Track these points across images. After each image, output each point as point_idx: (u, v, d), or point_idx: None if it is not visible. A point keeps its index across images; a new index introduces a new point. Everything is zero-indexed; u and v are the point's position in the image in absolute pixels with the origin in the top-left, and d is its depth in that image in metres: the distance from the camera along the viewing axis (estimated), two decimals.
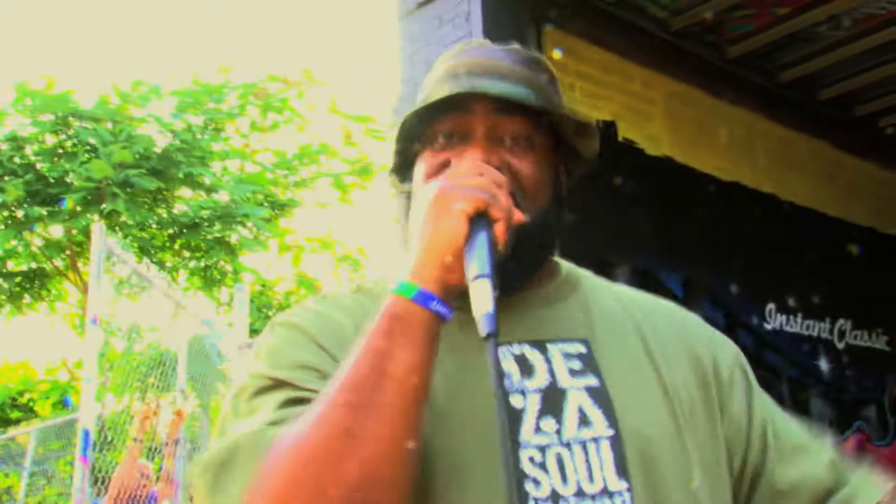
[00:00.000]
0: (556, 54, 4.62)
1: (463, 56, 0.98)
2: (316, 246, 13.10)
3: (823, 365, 5.11)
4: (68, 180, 10.81)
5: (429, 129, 0.95)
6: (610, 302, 1.04)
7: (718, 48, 5.18)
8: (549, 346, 0.95)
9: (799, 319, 5.05)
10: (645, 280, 4.01)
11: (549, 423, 0.91)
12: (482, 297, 0.78)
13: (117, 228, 11.15)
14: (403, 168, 1.00)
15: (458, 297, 0.83)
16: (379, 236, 13.17)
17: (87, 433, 3.78)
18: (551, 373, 0.93)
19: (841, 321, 5.25)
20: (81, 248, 11.11)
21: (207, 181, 11.80)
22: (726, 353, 1.07)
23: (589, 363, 0.95)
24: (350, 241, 13.48)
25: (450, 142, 0.94)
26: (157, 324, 6.33)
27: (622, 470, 0.90)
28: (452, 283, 0.81)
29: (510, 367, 0.93)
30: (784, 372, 4.84)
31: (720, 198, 4.90)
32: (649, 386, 0.97)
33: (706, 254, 4.62)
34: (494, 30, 4.15)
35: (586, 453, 0.90)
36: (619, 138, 4.58)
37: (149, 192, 11.12)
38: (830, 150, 5.72)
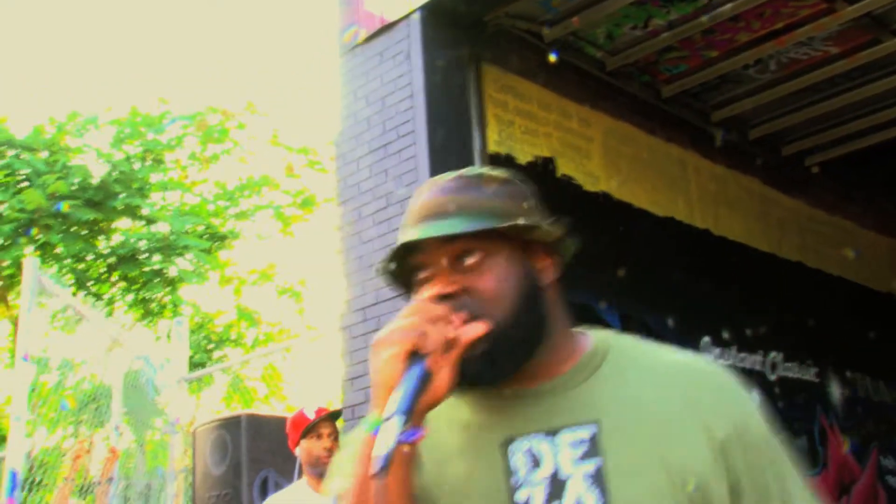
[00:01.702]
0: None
1: (417, 200, 1.09)
2: (257, 278, 12.94)
3: (756, 397, 5.23)
4: (0, 210, 10.52)
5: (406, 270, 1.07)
6: (631, 375, 1.05)
7: (653, 87, 5.35)
8: (558, 434, 1.02)
9: (733, 352, 5.18)
10: (583, 315, 4.08)
11: None
12: (382, 439, 0.90)
13: (52, 260, 10.87)
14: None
15: (475, 400, 1.04)
16: (320, 269, 13.09)
17: (13, 474, 3.66)
18: (556, 462, 1.00)
19: (773, 353, 5.39)
20: (12, 280, 10.79)
21: (146, 212, 11.61)
22: (749, 426, 1.04)
23: (595, 446, 1.00)
24: (291, 273, 13.35)
25: (419, 280, 1.05)
26: (92, 358, 6.17)
27: None
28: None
29: (519, 461, 1.01)
30: None
31: (655, 233, 5.03)
32: (652, 464, 0.98)
33: (643, 288, 4.72)
34: (434, 68, 4.21)
35: None
36: (558, 174, 4.67)
37: (85, 223, 10.89)
38: (761, 187, 5.92)
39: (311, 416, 3.20)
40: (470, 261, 1.02)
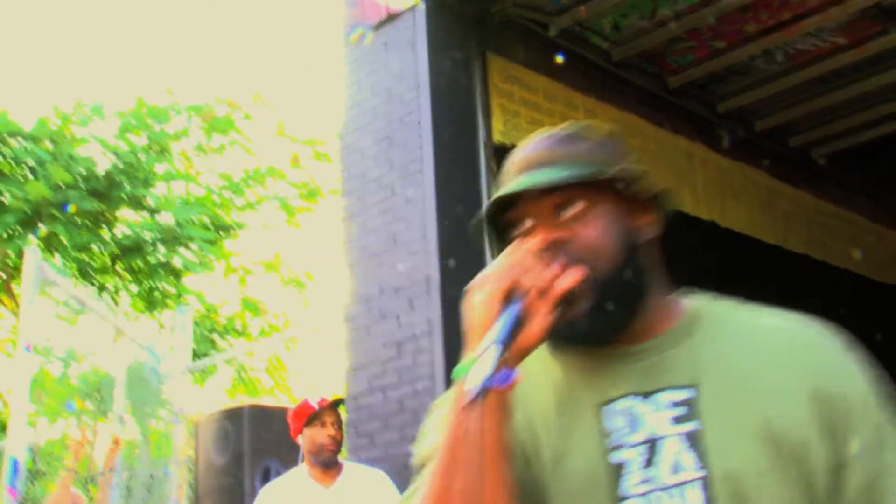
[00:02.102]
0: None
1: (516, 155, 1.08)
2: (262, 269, 12.95)
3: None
4: (4, 201, 10.53)
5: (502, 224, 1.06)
6: (730, 339, 1.03)
7: (660, 79, 5.32)
8: (656, 395, 1.00)
9: None
10: None
11: (649, 473, 0.97)
12: (478, 369, 0.89)
13: (56, 251, 10.88)
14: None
15: (569, 360, 1.03)
16: (325, 260, 13.10)
17: (15, 463, 3.66)
18: (653, 425, 0.99)
19: None
20: (17, 271, 10.82)
21: (151, 203, 11.61)
22: (854, 390, 0.99)
23: (693, 409, 0.98)
24: (296, 264, 13.35)
25: (517, 234, 1.04)
26: (96, 349, 6.18)
27: None
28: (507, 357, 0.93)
29: (617, 422, 1.00)
30: None
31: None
32: (750, 425, 0.96)
33: None
34: (439, 58, 4.19)
35: (675, 497, 0.96)
36: None
37: (89, 213, 10.89)
38: (767, 180, 5.89)
39: (315, 405, 3.20)
40: (571, 211, 1.00)
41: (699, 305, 1.07)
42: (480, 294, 0.94)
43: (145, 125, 11.95)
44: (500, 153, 4.31)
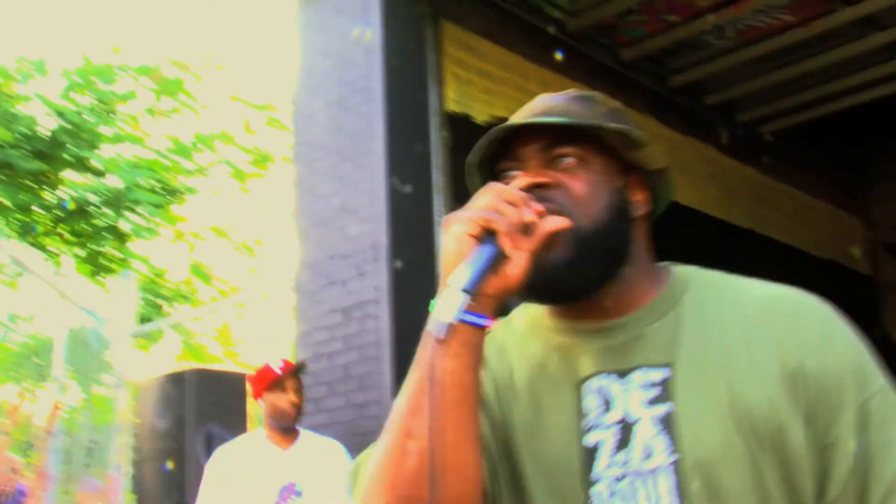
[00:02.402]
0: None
1: (525, 108, 1.06)
2: (211, 235, 12.77)
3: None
4: None
5: (500, 175, 1.03)
6: (711, 314, 0.98)
7: (612, 51, 5.33)
8: (631, 374, 0.97)
9: None
10: None
11: (621, 456, 0.94)
12: (444, 305, 0.86)
13: None
14: None
15: (548, 336, 1.02)
16: (276, 226, 12.97)
17: None
18: (628, 404, 0.96)
19: None
20: None
21: (97, 165, 11.33)
22: (834, 366, 0.93)
23: (667, 389, 0.94)
24: (246, 230, 13.18)
25: (511, 171, 1.01)
26: (36, 312, 6.04)
27: (681, 497, 0.91)
28: (482, 297, 0.90)
29: (592, 402, 0.97)
30: None
31: None
32: (725, 408, 0.92)
33: None
34: (392, 23, 4.14)
35: (648, 484, 0.93)
36: None
37: (31, 173, 10.59)
38: (715, 154, 5.97)
39: (277, 370, 3.17)
40: (566, 161, 0.98)
41: (683, 276, 1.04)
42: (455, 228, 0.90)
43: (91, 85, 11.63)
44: (452, 121, 4.29)
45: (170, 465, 4.10)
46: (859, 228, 7.09)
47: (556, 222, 0.93)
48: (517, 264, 0.89)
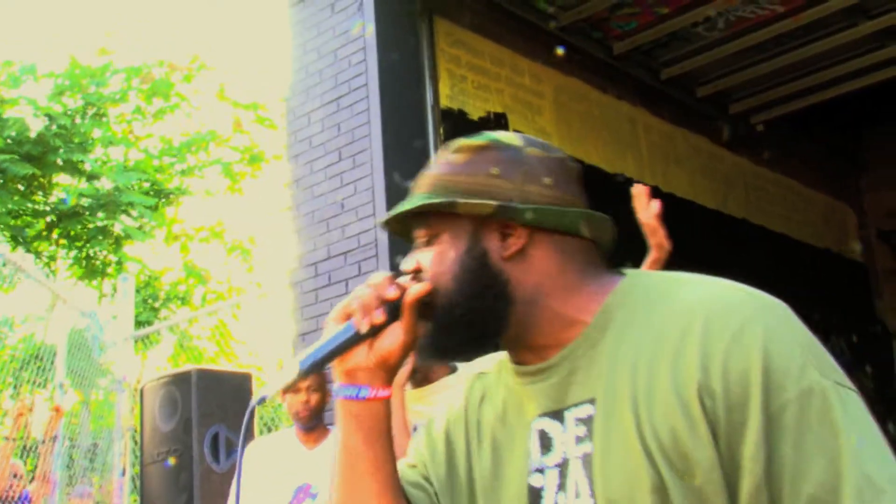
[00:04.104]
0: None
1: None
2: (204, 235, 12.74)
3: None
4: None
5: None
6: (629, 336, 0.94)
7: (604, 45, 5.36)
8: (565, 413, 0.97)
9: None
10: None
11: (561, 498, 0.95)
12: (275, 378, 0.98)
13: None
14: None
15: (509, 380, 1.05)
16: (269, 226, 12.94)
17: None
18: (563, 444, 0.97)
19: None
20: None
21: (88, 168, 11.30)
22: (740, 380, 0.84)
23: (590, 427, 0.94)
24: (240, 230, 13.16)
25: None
26: (33, 316, 6.03)
27: None
28: (349, 373, 1.02)
29: (533, 444, 0.99)
30: None
31: (606, 189, 5.07)
32: (629, 441, 0.88)
33: None
34: (386, 20, 4.15)
35: None
36: (510, 130, 4.67)
37: (22, 178, 10.56)
38: (708, 145, 6.00)
39: None
40: (426, 237, 1.04)
41: (625, 292, 0.98)
42: (329, 320, 1.01)
43: (80, 87, 11.58)
44: (447, 117, 4.31)
45: (172, 461, 4.11)
46: (852, 216, 7.14)
47: (415, 289, 1.00)
48: (391, 336, 1.00)
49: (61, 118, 11.11)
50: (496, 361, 1.11)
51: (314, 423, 3.15)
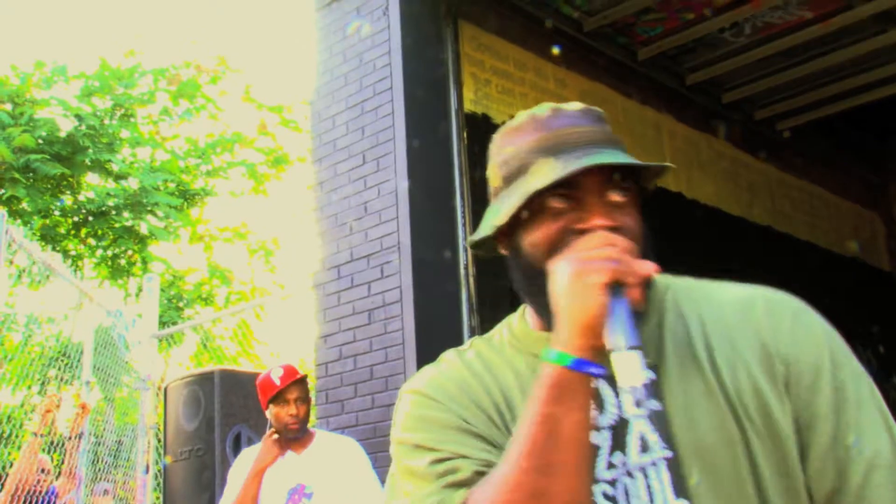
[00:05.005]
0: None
1: (550, 125, 1.03)
2: (229, 236, 12.84)
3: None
4: None
5: (537, 200, 0.99)
6: (689, 314, 1.03)
7: (630, 50, 5.34)
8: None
9: None
10: None
11: (617, 457, 0.97)
12: (631, 370, 0.87)
13: (17, 215, 10.69)
14: (502, 233, 1.05)
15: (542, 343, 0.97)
16: (292, 228, 13.02)
17: None
18: (619, 406, 0.99)
19: None
20: None
21: (116, 168, 11.43)
22: (809, 351, 0.98)
23: (654, 389, 0.98)
24: (264, 231, 13.25)
25: (563, 210, 0.99)
26: (61, 314, 6.11)
27: (679, 489, 0.94)
28: (600, 347, 0.90)
29: None
30: None
31: None
32: (710, 397, 0.96)
33: None
34: (411, 24, 4.17)
35: (647, 478, 0.96)
36: None
37: (52, 178, 10.71)
38: (733, 151, 5.97)
39: (277, 381, 3.17)
40: (620, 198, 0.98)
41: (665, 282, 1.07)
42: (587, 280, 0.89)
43: (109, 88, 11.72)
44: (471, 121, 4.32)
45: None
46: (880, 225, 7.06)
47: (649, 268, 0.93)
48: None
49: (90, 119, 11.26)
50: (444, 362, 1.07)
51: (299, 434, 3.17)
